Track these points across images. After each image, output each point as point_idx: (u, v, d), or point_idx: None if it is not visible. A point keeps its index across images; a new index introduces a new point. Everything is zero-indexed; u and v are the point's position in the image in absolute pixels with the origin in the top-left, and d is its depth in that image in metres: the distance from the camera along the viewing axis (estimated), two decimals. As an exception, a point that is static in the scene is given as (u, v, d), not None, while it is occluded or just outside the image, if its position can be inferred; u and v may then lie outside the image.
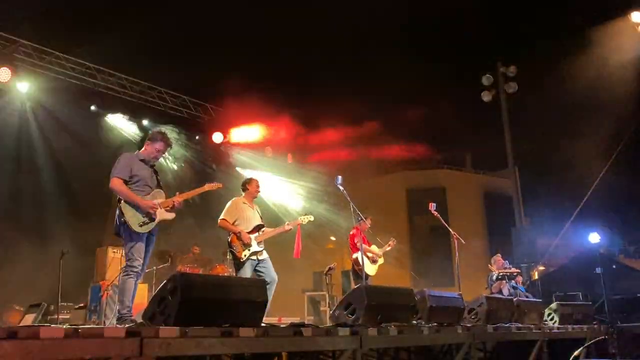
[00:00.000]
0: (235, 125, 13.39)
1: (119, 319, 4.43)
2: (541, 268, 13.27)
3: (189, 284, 3.28)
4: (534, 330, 6.11)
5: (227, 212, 5.95)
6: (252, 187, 6.23)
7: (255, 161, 13.59)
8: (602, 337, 7.03)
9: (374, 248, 8.35)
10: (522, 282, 10.51)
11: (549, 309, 7.20)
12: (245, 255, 5.73)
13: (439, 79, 13.13)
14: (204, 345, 3.03)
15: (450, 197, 16.39)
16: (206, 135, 13.00)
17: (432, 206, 7.24)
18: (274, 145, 13.92)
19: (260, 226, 6.03)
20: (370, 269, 8.04)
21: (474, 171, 18.75)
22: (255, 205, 6.31)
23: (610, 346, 7.07)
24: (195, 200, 5.21)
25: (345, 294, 5.02)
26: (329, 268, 9.52)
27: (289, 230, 6.25)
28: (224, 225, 5.90)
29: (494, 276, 9.70)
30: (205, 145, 13.00)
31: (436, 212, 7.27)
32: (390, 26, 11.96)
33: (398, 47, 12.29)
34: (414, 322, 4.87)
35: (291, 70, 12.44)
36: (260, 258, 5.83)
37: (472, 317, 5.75)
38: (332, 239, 14.39)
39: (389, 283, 7.55)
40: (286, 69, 12.33)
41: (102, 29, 10.05)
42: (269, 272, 5.82)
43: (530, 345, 5.98)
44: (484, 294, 6.89)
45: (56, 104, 10.10)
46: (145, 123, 11.86)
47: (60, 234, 9.11)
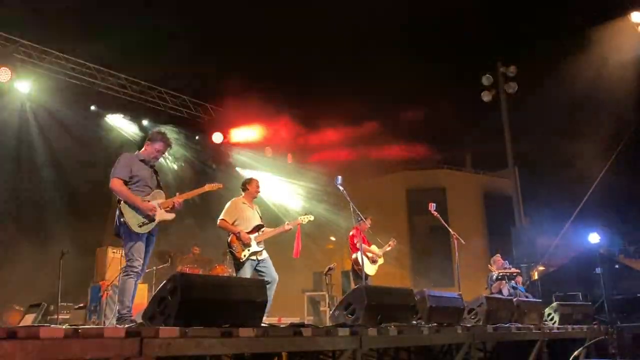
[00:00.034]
0: (235, 125, 13.39)
1: (118, 319, 4.43)
2: (541, 268, 13.27)
3: (189, 284, 3.29)
4: (534, 331, 6.11)
5: (226, 213, 5.95)
6: (252, 187, 6.23)
7: (255, 161, 13.59)
8: (602, 337, 7.03)
9: (373, 248, 8.34)
10: (522, 282, 10.50)
11: (549, 309, 7.20)
12: (244, 256, 5.74)
13: (439, 79, 13.12)
14: (204, 346, 3.03)
15: (450, 197, 16.40)
16: (206, 135, 13.00)
17: (432, 206, 7.24)
18: (273, 146, 13.93)
19: (260, 226, 6.03)
20: (370, 269, 8.04)
21: (473, 171, 18.75)
22: (255, 205, 6.31)
23: (610, 346, 7.07)
24: (195, 200, 5.21)
25: (345, 294, 5.01)
26: (329, 268, 9.52)
27: (288, 230, 6.25)
28: (224, 225, 5.90)
29: (494, 276, 9.69)
30: (205, 145, 13.00)
31: (436, 212, 7.28)
32: (390, 26, 11.96)
33: (398, 47, 12.29)
34: (414, 322, 4.87)
35: (291, 70, 12.44)
36: (260, 258, 5.83)
37: (472, 317, 5.75)
38: (332, 239, 14.39)
39: (389, 283, 7.57)
40: (286, 69, 12.33)
41: (102, 29, 10.05)
42: (269, 272, 5.82)
43: (530, 345, 5.98)
44: (484, 294, 6.89)
45: (56, 104, 10.10)
46: (145, 123, 11.86)
47: (60, 234, 9.11)
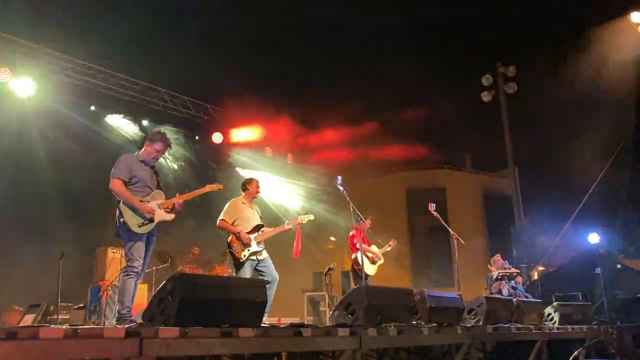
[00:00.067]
0: (235, 125, 13.39)
1: (118, 320, 4.44)
2: (541, 268, 13.27)
3: (189, 284, 3.29)
4: (534, 331, 6.11)
5: (226, 213, 5.95)
6: (252, 187, 6.23)
7: (255, 161, 13.58)
8: (602, 337, 7.03)
9: (373, 248, 8.34)
10: (522, 282, 10.50)
11: (549, 309, 7.20)
12: (244, 256, 5.74)
13: (439, 79, 13.13)
14: (203, 346, 3.03)
15: (450, 197, 16.40)
16: (206, 136, 13.00)
17: (431, 206, 7.24)
18: (273, 146, 13.93)
19: (260, 226, 6.03)
20: (370, 269, 8.03)
21: (473, 171, 18.75)
22: (255, 205, 6.31)
23: (610, 346, 7.07)
24: (195, 200, 5.20)
25: (345, 294, 5.01)
26: (329, 268, 9.52)
27: (288, 229, 6.25)
28: (223, 225, 5.90)
29: (494, 276, 9.69)
30: (205, 146, 13.00)
31: (436, 213, 7.28)
32: (390, 26, 11.97)
33: (398, 47, 12.30)
34: (414, 322, 4.87)
35: (291, 71, 12.46)
36: (260, 258, 5.83)
37: (472, 318, 5.75)
38: (332, 239, 14.39)
39: (389, 283, 7.56)
40: (286, 69, 12.35)
41: (102, 29, 10.05)
42: (269, 272, 5.82)
43: (530, 345, 5.98)
44: (484, 294, 6.89)
45: (56, 104, 10.10)
46: (145, 123, 11.85)
47: (60, 234, 9.11)
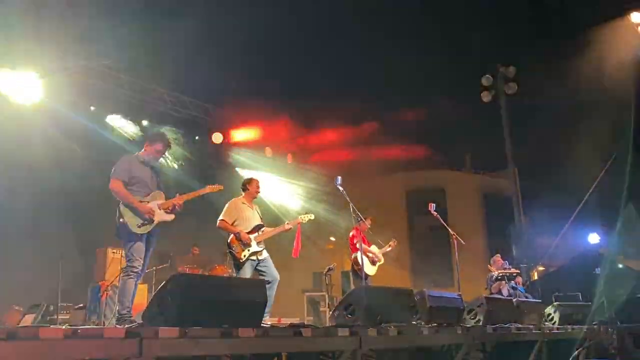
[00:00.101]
0: (235, 125, 13.40)
1: (118, 320, 4.44)
2: (541, 268, 13.28)
3: (189, 284, 3.29)
4: (534, 331, 6.11)
5: (225, 213, 5.95)
6: (252, 187, 6.23)
7: (255, 161, 13.58)
8: (602, 337, 7.02)
9: (373, 248, 8.34)
10: (522, 282, 10.50)
11: (549, 309, 7.20)
12: (244, 256, 5.74)
13: (439, 79, 13.12)
14: (203, 346, 3.03)
15: (450, 197, 16.39)
16: (206, 136, 12.99)
17: (431, 207, 7.25)
18: (273, 146, 13.93)
19: (260, 226, 6.03)
20: (370, 269, 8.04)
21: (473, 172, 18.74)
22: (255, 205, 6.31)
23: (610, 346, 7.07)
24: (195, 200, 5.20)
25: (344, 294, 5.02)
26: (329, 268, 9.53)
27: (289, 229, 6.25)
28: (223, 226, 5.90)
29: (494, 276, 9.69)
30: (205, 146, 12.99)
31: (436, 213, 7.28)
32: (390, 26, 11.97)
33: (398, 47, 12.28)
34: (414, 322, 4.87)
35: (291, 71, 12.44)
36: (260, 258, 5.83)
37: (472, 318, 5.75)
38: (332, 239, 14.38)
39: (389, 283, 7.56)
40: (286, 69, 12.33)
41: (102, 29, 10.04)
42: (270, 272, 5.82)
43: (530, 345, 5.97)
44: (484, 295, 6.90)
45: (56, 104, 10.09)
46: (145, 123, 11.85)
47: (60, 234, 9.11)
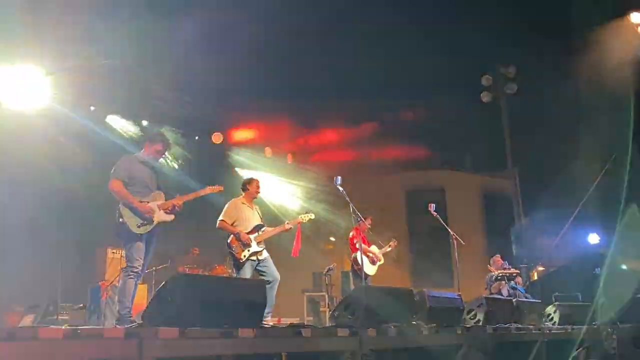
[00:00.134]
0: (235, 125, 13.40)
1: (118, 320, 4.44)
2: (541, 269, 13.28)
3: (189, 284, 3.29)
4: (534, 331, 6.11)
5: (225, 213, 5.95)
6: (252, 188, 6.23)
7: (254, 162, 13.58)
8: (602, 337, 7.02)
9: (373, 248, 8.34)
10: (522, 282, 10.51)
11: (549, 309, 7.20)
12: (244, 256, 5.73)
13: (439, 79, 13.11)
14: (203, 346, 3.03)
15: (450, 197, 16.36)
16: (206, 136, 12.99)
17: (431, 207, 7.24)
18: (273, 146, 13.93)
19: (260, 226, 6.03)
20: (370, 269, 8.04)
21: (473, 172, 18.72)
22: (256, 205, 6.31)
23: (610, 347, 7.07)
24: (195, 200, 5.21)
25: (344, 294, 5.02)
26: (329, 268, 9.54)
27: (289, 229, 6.25)
28: (223, 226, 5.90)
29: (493, 277, 9.69)
30: (205, 146, 12.98)
31: (435, 213, 7.28)
32: (390, 26, 11.96)
33: (397, 47, 12.28)
34: (414, 322, 4.87)
35: (291, 71, 12.42)
36: (261, 258, 5.83)
37: (472, 318, 5.75)
38: (332, 239, 14.37)
39: (389, 283, 7.56)
40: (286, 69, 12.31)
41: (102, 29, 10.04)
42: (270, 272, 5.82)
43: (530, 346, 5.97)
44: (484, 295, 6.90)
45: (55, 104, 10.08)
46: (145, 123, 11.84)
47: (60, 234, 9.10)
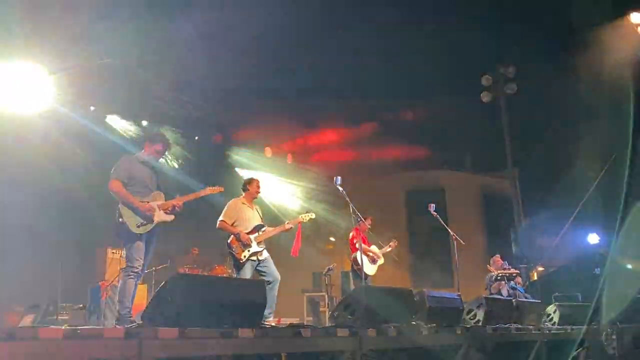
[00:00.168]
0: (235, 125, 13.40)
1: (118, 320, 4.44)
2: (540, 269, 13.28)
3: (189, 285, 3.29)
4: (533, 331, 6.11)
5: (225, 214, 5.95)
6: (253, 188, 6.23)
7: (254, 162, 13.58)
8: (602, 337, 7.03)
9: (373, 248, 8.34)
10: (522, 282, 10.50)
11: (549, 309, 7.20)
12: (244, 256, 5.73)
13: (438, 79, 13.11)
14: (203, 346, 3.03)
15: (450, 197, 16.36)
16: (206, 136, 12.99)
17: (431, 207, 7.25)
18: (273, 146, 13.94)
19: (260, 226, 6.03)
20: (370, 268, 8.04)
21: (473, 172, 18.72)
22: (256, 205, 6.30)
23: (610, 347, 7.07)
24: (195, 200, 5.21)
25: (344, 294, 5.02)
26: (328, 269, 9.54)
27: (289, 229, 6.25)
28: (223, 226, 5.90)
29: (493, 277, 9.69)
30: (205, 146, 12.99)
31: (435, 213, 7.28)
32: (390, 26, 11.96)
33: (397, 47, 12.28)
34: (413, 322, 4.87)
35: (291, 71, 12.43)
36: (261, 258, 5.83)
37: (471, 318, 5.75)
38: (332, 239, 14.38)
39: (389, 283, 7.57)
40: (286, 69, 12.31)
41: (101, 29, 10.04)
42: (271, 272, 5.82)
43: (530, 346, 5.98)
44: (483, 295, 6.90)
45: (55, 104, 10.09)
46: (145, 123, 11.85)
47: (60, 235, 9.10)
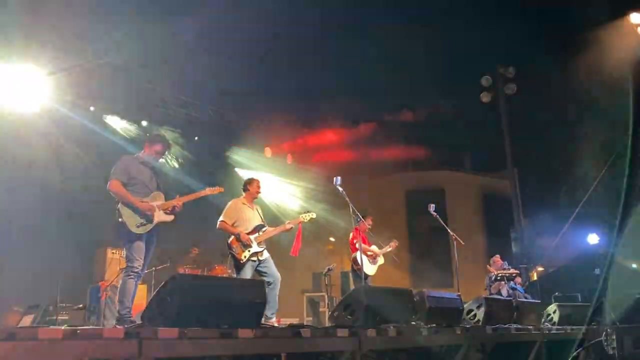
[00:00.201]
0: (235, 126, 13.39)
1: (118, 320, 4.45)
2: (540, 269, 13.29)
3: (188, 285, 3.29)
4: (533, 332, 6.11)
5: (226, 214, 5.95)
6: (253, 188, 6.23)
7: (254, 162, 13.58)
8: (601, 338, 7.02)
9: (374, 248, 8.34)
10: (521, 282, 10.51)
11: (548, 309, 7.20)
12: (245, 257, 5.73)
13: (438, 80, 13.13)
14: (203, 346, 3.03)
15: (450, 198, 16.39)
16: (206, 136, 12.99)
17: (431, 207, 7.25)
18: (273, 146, 13.94)
19: (261, 226, 6.02)
20: (370, 268, 8.03)
21: (473, 172, 18.73)
22: (256, 205, 6.30)
23: (609, 347, 7.07)
24: (195, 201, 5.22)
25: (344, 295, 5.02)
26: (328, 269, 9.53)
27: (290, 229, 6.24)
28: (223, 227, 5.89)
29: (493, 277, 9.70)
30: (205, 146, 12.99)
31: (435, 213, 7.28)
32: (390, 26, 11.96)
33: (397, 48, 12.29)
34: (413, 323, 4.87)
35: (290, 71, 12.44)
36: (261, 258, 5.82)
37: (471, 318, 5.75)
38: (332, 239, 14.38)
39: (388, 283, 7.57)
40: (286, 69, 12.33)
41: (102, 29, 10.04)
42: (271, 272, 5.81)
43: (529, 346, 5.98)
44: (483, 295, 6.90)
45: (55, 104, 10.09)
46: (145, 124, 11.85)
47: (60, 235, 9.11)
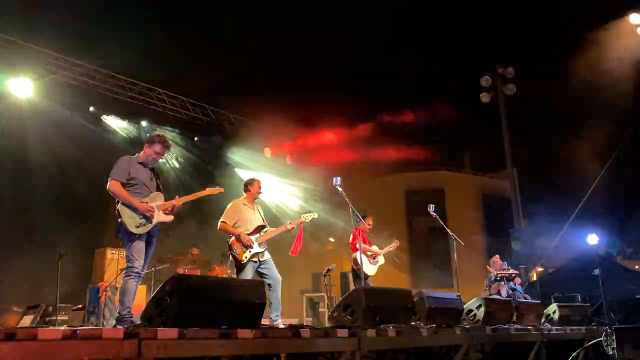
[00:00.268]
0: (235, 126, 13.41)
1: (118, 320, 4.45)
2: (540, 269, 13.28)
3: (188, 285, 3.29)
4: (533, 332, 6.11)
5: (226, 215, 5.93)
6: (254, 188, 6.21)
7: (254, 162, 13.59)
8: (601, 338, 7.02)
9: (374, 249, 8.34)
10: (521, 283, 10.51)
11: (548, 310, 7.20)
12: (246, 258, 5.71)
13: (438, 80, 13.13)
14: (202, 347, 3.03)
15: (449, 198, 16.38)
16: (206, 136, 13.00)
17: (431, 207, 7.25)
18: (273, 146, 13.95)
19: (262, 227, 6.00)
20: (370, 268, 8.01)
21: (472, 172, 18.72)
22: (257, 205, 6.29)
23: (610, 347, 7.06)
24: (195, 201, 5.21)
25: (344, 295, 5.02)
26: (328, 269, 9.52)
27: (291, 229, 6.21)
28: (224, 228, 5.87)
29: (493, 277, 9.70)
30: (204, 146, 13.00)
31: (435, 214, 7.28)
32: (389, 26, 11.98)
33: (397, 48, 12.31)
34: (413, 323, 4.87)
35: (290, 71, 12.44)
36: (262, 259, 5.79)
37: (471, 319, 5.75)
38: (331, 240, 14.38)
39: (388, 284, 7.56)
40: (285, 69, 12.33)
41: (101, 30, 10.05)
42: (272, 273, 5.79)
43: (529, 346, 5.98)
44: (483, 295, 6.90)
45: (55, 105, 10.10)
46: (144, 124, 11.86)
47: (59, 235, 9.10)
